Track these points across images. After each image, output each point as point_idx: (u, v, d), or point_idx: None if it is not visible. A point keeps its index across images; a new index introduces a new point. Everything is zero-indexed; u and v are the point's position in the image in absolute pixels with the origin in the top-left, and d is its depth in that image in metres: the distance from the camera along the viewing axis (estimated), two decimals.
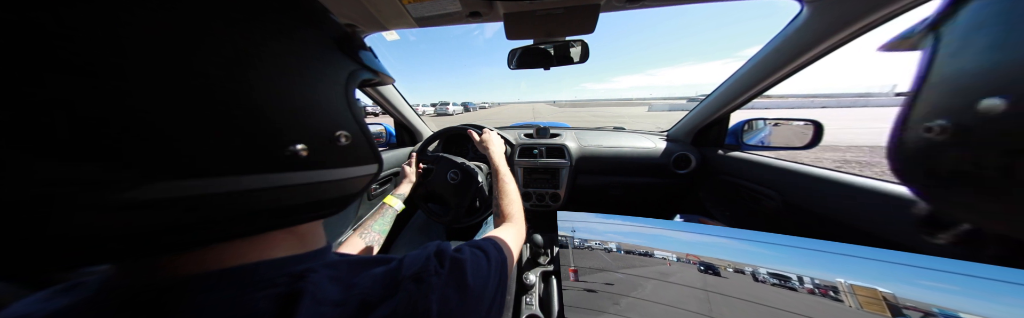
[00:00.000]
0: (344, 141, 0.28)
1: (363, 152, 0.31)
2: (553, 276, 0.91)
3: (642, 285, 0.57)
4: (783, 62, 0.89)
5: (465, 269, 0.33)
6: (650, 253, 0.57)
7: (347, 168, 0.30)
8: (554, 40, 1.02)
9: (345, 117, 0.29)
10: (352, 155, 0.30)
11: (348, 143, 0.29)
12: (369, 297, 0.27)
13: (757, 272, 0.47)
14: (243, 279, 0.24)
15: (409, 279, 0.29)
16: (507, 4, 0.78)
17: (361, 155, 0.31)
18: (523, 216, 0.69)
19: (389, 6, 0.80)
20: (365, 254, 0.76)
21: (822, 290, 0.43)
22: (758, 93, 1.05)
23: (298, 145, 0.24)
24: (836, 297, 0.41)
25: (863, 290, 0.40)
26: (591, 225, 0.65)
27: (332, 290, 0.26)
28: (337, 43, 0.29)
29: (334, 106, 0.28)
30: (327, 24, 0.29)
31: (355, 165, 0.31)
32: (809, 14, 0.76)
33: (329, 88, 0.28)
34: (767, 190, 0.92)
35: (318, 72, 0.27)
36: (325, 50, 0.28)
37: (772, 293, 0.46)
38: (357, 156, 0.31)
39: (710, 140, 1.32)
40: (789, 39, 0.83)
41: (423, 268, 0.31)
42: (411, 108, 1.59)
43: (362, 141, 0.31)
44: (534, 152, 1.37)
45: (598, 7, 0.80)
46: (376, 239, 0.78)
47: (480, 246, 0.41)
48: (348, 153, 0.30)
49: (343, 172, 0.29)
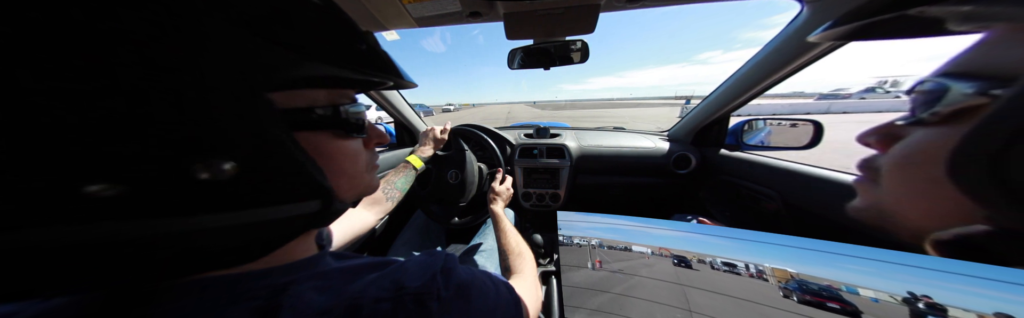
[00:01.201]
0: (213, 176, 0.18)
1: (280, 186, 0.22)
2: (553, 276, 0.91)
3: (641, 285, 0.57)
4: (783, 62, 0.89)
5: (470, 297, 0.31)
6: (650, 253, 0.57)
7: (225, 213, 0.20)
8: (554, 40, 1.02)
9: (234, 138, 0.19)
10: (249, 192, 0.20)
11: (227, 178, 0.18)
12: (361, 300, 0.25)
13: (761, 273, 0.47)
14: (223, 291, 0.23)
15: (411, 295, 0.27)
16: (507, 4, 0.78)
17: (276, 190, 0.22)
18: (536, 273, 0.63)
19: (389, 6, 0.80)
20: (384, 207, 0.75)
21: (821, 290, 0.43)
22: (758, 93, 1.05)
23: (96, 185, 0.16)
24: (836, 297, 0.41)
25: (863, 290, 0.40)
26: (591, 225, 0.65)
27: (317, 300, 0.24)
28: (249, 24, 0.19)
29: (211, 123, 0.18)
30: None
31: (254, 207, 0.21)
32: (809, 14, 0.76)
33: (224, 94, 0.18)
34: (767, 190, 0.92)
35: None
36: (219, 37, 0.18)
37: (773, 293, 0.46)
38: (268, 193, 0.21)
39: (710, 140, 1.32)
40: (789, 39, 0.83)
41: (427, 286, 0.28)
42: (411, 108, 1.59)
43: (276, 171, 0.21)
44: (534, 152, 1.37)
45: (598, 7, 0.80)
46: (396, 196, 0.78)
47: (494, 280, 0.37)
48: (236, 190, 0.19)
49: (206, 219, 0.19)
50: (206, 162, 0.17)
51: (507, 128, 1.71)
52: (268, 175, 0.20)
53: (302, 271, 0.27)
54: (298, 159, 0.22)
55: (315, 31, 0.23)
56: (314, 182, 0.23)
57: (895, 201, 0.26)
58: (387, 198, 0.76)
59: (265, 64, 0.19)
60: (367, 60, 0.26)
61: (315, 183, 0.23)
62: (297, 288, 0.25)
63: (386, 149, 1.57)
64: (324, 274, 0.28)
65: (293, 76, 0.22)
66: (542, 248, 0.98)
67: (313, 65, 0.22)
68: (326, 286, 0.26)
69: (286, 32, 0.20)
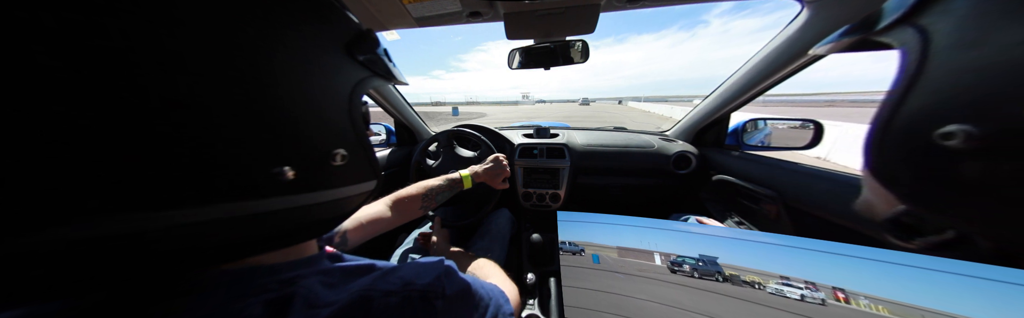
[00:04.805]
0: (340, 160, 0.25)
1: (362, 168, 0.28)
2: (553, 276, 0.91)
3: (642, 285, 0.57)
4: (783, 62, 0.89)
5: (470, 301, 0.32)
6: (650, 253, 0.57)
7: (342, 188, 0.26)
8: (554, 40, 1.02)
9: (344, 132, 0.25)
10: (350, 173, 0.27)
11: (344, 162, 0.25)
12: (370, 292, 0.26)
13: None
14: (235, 284, 0.23)
15: (418, 292, 0.27)
16: (507, 4, 0.78)
17: (359, 172, 0.28)
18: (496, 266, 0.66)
19: (389, 6, 0.80)
20: (410, 213, 0.73)
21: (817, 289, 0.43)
22: (758, 93, 1.05)
23: (284, 167, 0.20)
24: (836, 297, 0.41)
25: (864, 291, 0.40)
26: (591, 225, 0.65)
27: (326, 294, 0.25)
28: (347, 47, 0.25)
29: (333, 121, 0.24)
30: (337, 22, 0.24)
31: (351, 184, 0.27)
32: (809, 14, 0.76)
33: (329, 101, 0.24)
34: (767, 190, 0.92)
35: (320, 83, 0.23)
36: (332, 56, 0.24)
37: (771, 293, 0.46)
38: (355, 174, 0.27)
39: (710, 140, 1.32)
40: (789, 39, 0.83)
41: (433, 285, 0.28)
42: (410, 107, 1.59)
43: (361, 157, 0.27)
44: (534, 152, 1.37)
45: (598, 7, 0.81)
46: (430, 207, 0.76)
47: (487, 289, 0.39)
48: (345, 172, 0.26)
49: (336, 193, 0.26)
50: (339, 152, 0.24)
51: (507, 128, 1.71)
52: (358, 160, 0.27)
53: (306, 267, 0.28)
54: (370, 148, 0.29)
55: (372, 49, 0.29)
56: (375, 164, 0.30)
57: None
58: (421, 206, 0.74)
59: (353, 76, 0.26)
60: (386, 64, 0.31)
61: (375, 165, 0.30)
62: (306, 281, 0.25)
63: (385, 149, 1.57)
64: (327, 271, 0.28)
65: (369, 86, 0.28)
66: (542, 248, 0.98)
67: (372, 77, 0.28)
68: (331, 282, 0.27)
69: (359, 51, 0.26)
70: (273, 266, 0.26)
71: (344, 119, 0.25)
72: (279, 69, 0.20)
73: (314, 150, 0.23)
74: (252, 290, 0.23)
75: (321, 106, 0.23)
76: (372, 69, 0.28)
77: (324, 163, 0.24)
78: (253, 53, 0.19)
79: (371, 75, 0.28)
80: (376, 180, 0.31)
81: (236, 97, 0.18)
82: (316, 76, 0.22)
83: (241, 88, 0.18)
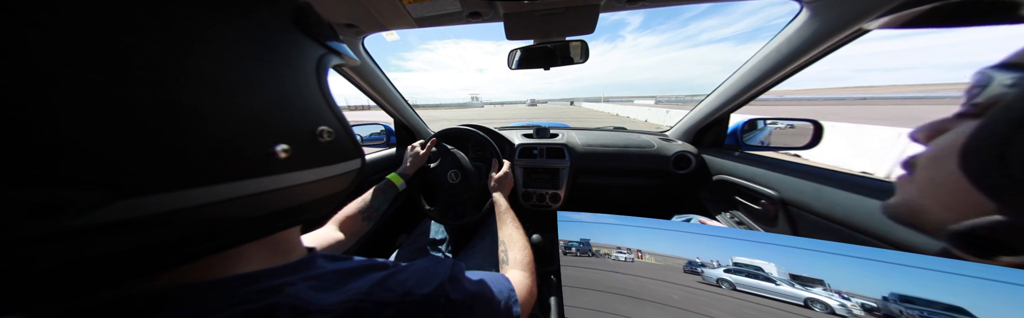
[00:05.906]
0: (327, 137, 0.26)
1: (346, 147, 0.29)
2: (553, 276, 0.91)
3: (642, 285, 0.57)
4: (783, 62, 0.89)
5: (474, 309, 0.31)
6: (650, 253, 0.57)
7: (331, 165, 0.27)
8: (553, 40, 1.02)
9: (323, 110, 0.26)
10: (336, 151, 0.28)
11: (331, 139, 0.26)
12: (365, 303, 0.25)
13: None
14: (213, 296, 0.22)
15: (417, 303, 0.27)
16: (507, 4, 0.78)
17: (344, 150, 0.29)
18: (533, 265, 0.65)
19: (389, 6, 0.80)
20: (358, 228, 0.75)
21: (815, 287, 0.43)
22: (758, 93, 1.05)
23: (279, 146, 0.22)
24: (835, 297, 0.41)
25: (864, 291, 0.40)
26: (591, 225, 0.65)
27: (317, 297, 0.24)
28: (296, 22, 0.25)
29: (310, 98, 0.25)
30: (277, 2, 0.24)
31: (339, 161, 0.28)
32: (809, 14, 0.76)
33: (301, 78, 0.25)
34: (767, 190, 0.92)
35: (284, 59, 0.23)
36: (285, 31, 0.24)
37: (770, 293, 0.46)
38: (341, 152, 0.29)
39: (710, 140, 1.32)
40: (789, 39, 0.83)
41: (433, 295, 0.28)
42: (410, 107, 1.59)
43: (343, 135, 0.28)
44: (534, 152, 1.37)
45: (598, 7, 0.80)
46: (374, 216, 0.77)
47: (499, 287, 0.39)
48: (332, 149, 0.27)
49: (328, 170, 0.27)
50: (323, 129, 0.26)
51: (507, 128, 1.71)
52: (342, 137, 0.28)
53: (295, 273, 0.27)
54: (349, 127, 0.30)
55: (316, 20, 0.28)
56: (357, 143, 0.31)
57: (922, 194, 0.25)
58: (363, 217, 0.75)
59: (316, 56, 0.26)
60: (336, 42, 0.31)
61: (357, 144, 0.31)
62: (293, 288, 0.24)
63: (385, 148, 1.57)
64: (319, 276, 0.27)
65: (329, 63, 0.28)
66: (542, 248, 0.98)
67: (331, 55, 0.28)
68: (324, 286, 0.26)
69: (307, 24, 0.26)
70: (255, 274, 0.25)
71: (318, 96, 0.26)
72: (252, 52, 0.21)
73: (302, 128, 0.24)
74: (233, 301, 0.22)
75: (297, 84, 0.24)
76: (325, 44, 0.28)
77: (313, 140, 0.25)
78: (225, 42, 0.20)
79: (327, 51, 0.28)
80: (360, 158, 0.32)
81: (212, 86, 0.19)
82: (282, 55, 0.23)
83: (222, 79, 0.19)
